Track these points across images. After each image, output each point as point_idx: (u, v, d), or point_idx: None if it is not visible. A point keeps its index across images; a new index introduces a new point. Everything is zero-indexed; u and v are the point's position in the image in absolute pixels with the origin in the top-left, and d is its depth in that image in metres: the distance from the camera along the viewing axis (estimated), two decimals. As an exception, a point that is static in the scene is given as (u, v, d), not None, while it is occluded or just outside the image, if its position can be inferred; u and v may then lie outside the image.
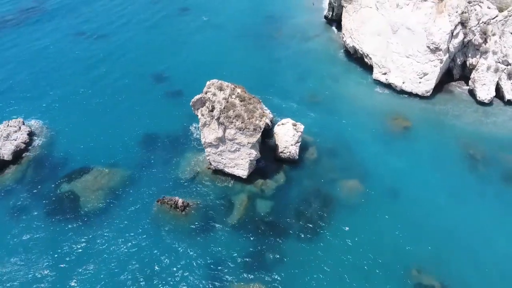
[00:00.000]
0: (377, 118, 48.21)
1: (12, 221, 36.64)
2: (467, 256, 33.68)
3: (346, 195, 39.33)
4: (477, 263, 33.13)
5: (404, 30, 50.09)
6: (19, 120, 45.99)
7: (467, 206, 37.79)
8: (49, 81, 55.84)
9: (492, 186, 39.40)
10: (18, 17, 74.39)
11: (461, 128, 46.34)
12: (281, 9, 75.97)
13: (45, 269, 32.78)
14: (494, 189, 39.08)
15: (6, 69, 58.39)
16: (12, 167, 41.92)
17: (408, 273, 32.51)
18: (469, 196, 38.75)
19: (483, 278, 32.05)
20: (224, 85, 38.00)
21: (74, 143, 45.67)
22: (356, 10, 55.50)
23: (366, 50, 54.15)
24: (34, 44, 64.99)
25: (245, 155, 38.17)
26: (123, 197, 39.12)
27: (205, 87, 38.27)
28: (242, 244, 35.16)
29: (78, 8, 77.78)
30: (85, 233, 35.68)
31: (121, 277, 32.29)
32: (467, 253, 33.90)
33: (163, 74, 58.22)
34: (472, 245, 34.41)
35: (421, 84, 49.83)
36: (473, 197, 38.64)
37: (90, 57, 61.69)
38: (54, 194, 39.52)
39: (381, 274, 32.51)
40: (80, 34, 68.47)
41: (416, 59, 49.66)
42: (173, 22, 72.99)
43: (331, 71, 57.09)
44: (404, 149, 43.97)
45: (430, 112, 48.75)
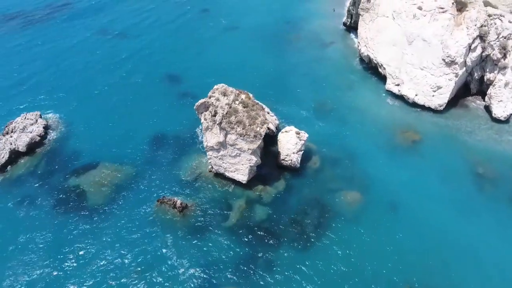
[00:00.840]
0: (386, 130, 47.36)
1: (21, 210, 38.65)
2: (465, 278, 32.70)
3: (345, 207, 39.00)
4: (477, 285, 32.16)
5: (419, 42, 48.94)
6: (36, 113, 48.26)
7: (470, 227, 36.64)
8: (70, 78, 58.21)
9: (499, 208, 37.97)
10: (48, 15, 77.83)
11: (473, 145, 44.83)
12: (301, 14, 75.74)
13: (46, 259, 34.39)
14: (500, 211, 37.65)
15: (31, 64, 61.30)
16: (25, 159, 44.09)
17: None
18: (474, 216, 37.54)
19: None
20: (228, 91, 38.51)
21: (86, 139, 47.49)
22: (372, 19, 54.69)
23: (380, 60, 53.26)
24: (60, 42, 67.79)
25: (245, 161, 38.54)
26: (126, 194, 40.37)
27: (210, 91, 38.90)
28: (236, 248, 35.59)
29: (105, 8, 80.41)
30: (87, 227, 37.15)
31: (114, 270, 33.46)
32: (466, 275, 32.89)
33: (178, 75, 59.43)
34: (471, 268, 33.37)
35: (434, 98, 48.54)
36: (478, 217, 37.39)
37: (112, 57, 63.61)
38: (62, 187, 41.29)
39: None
40: (105, 33, 70.78)
41: (430, 72, 48.42)
42: (193, 25, 74.12)
43: (345, 80, 56.49)
44: (410, 163, 43.02)
45: (441, 127, 47.41)
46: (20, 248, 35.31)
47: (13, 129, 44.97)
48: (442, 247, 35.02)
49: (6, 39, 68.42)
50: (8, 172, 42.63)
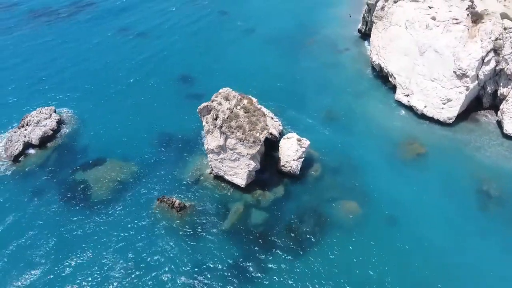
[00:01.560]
0: (391, 141, 46.78)
1: (29, 200, 40.54)
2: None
3: (342, 217, 38.88)
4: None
5: (431, 52, 48.07)
6: (51, 108, 50.34)
7: (470, 247, 35.80)
8: (88, 76, 60.23)
9: (500, 228, 36.93)
10: (72, 13, 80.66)
11: (480, 161, 43.71)
12: (317, 18, 75.54)
13: (49, 248, 36.03)
14: (502, 232, 36.61)
15: (53, 61, 63.79)
16: (38, 151, 46.14)
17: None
18: (474, 236, 36.66)
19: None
20: (230, 95, 39.11)
21: (96, 135, 49.18)
22: (385, 27, 54.06)
23: (391, 69, 52.61)
24: (82, 41, 70.12)
25: (244, 165, 39.04)
26: (129, 191, 41.62)
27: (213, 95, 39.62)
28: (229, 251, 36.14)
29: (128, 9, 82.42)
30: (89, 220, 38.58)
31: (108, 264, 34.77)
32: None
33: (192, 77, 60.51)
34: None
35: (444, 110, 47.56)
36: (478, 237, 36.49)
37: (131, 57, 65.26)
38: (69, 180, 43.01)
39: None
40: (126, 33, 72.68)
41: (441, 84, 47.48)
42: (212, 27, 75.07)
43: (354, 87, 56.08)
44: (412, 177, 42.37)
45: (449, 141, 46.44)
46: (23, 238, 36.95)
47: (28, 122, 47.09)
48: (439, 265, 34.37)
49: (31, 36, 71.39)
50: (21, 163, 44.73)
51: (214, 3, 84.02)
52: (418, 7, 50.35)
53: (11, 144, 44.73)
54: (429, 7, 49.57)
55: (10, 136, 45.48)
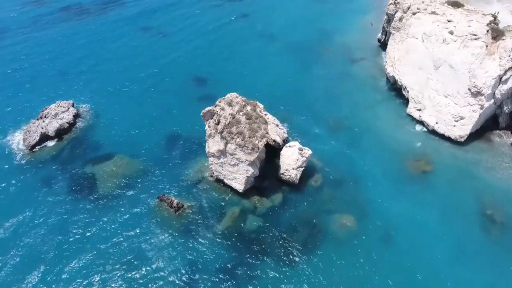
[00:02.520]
0: (397, 156, 45.88)
1: (38, 189, 42.85)
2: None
3: (337, 230, 38.62)
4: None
5: (446, 68, 46.72)
6: (69, 102, 52.86)
7: (466, 273, 34.62)
8: (107, 74, 62.75)
9: (501, 255, 35.50)
10: (101, 10, 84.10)
11: (489, 183, 42.12)
12: (337, 25, 74.94)
13: (50, 237, 38.04)
14: (502, 259, 35.19)
15: (76, 57, 66.91)
16: (53, 142, 48.64)
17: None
18: (472, 261, 35.40)
19: None
20: (234, 101, 39.76)
21: (109, 130, 51.24)
22: (402, 39, 52.99)
23: (405, 82, 51.54)
24: (106, 38, 73.09)
25: (243, 171, 39.59)
26: (132, 187, 43.14)
27: (218, 100, 40.39)
28: (220, 254, 36.77)
29: (154, 9, 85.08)
30: (91, 213, 40.33)
31: (103, 256, 36.29)
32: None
33: (205, 79, 61.69)
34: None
35: (456, 128, 46.13)
36: (476, 263, 35.22)
37: (151, 57, 67.33)
38: (78, 172, 45.10)
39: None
40: (149, 33, 75.05)
41: (454, 100, 46.08)
42: (231, 31, 76.18)
43: (367, 98, 55.35)
44: (414, 195, 41.36)
45: (459, 160, 45.02)
46: (27, 224, 39.15)
47: (47, 114, 49.70)
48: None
49: (62, 32, 75.04)
50: (36, 153, 47.31)
51: (238, 7, 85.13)
52: (437, 20, 49.02)
53: (29, 135, 47.42)
54: (448, 20, 48.16)
55: (29, 127, 48.15)
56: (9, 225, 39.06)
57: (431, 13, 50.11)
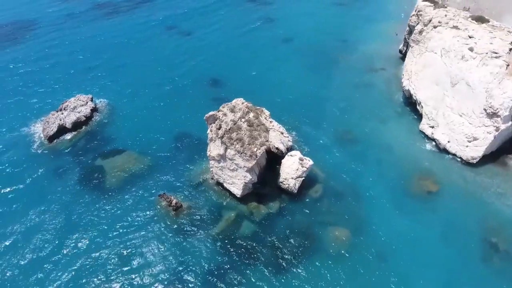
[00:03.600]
0: (403, 174, 44.65)
1: (49, 177, 45.38)
2: None
3: (330, 243, 38.24)
4: None
5: (463, 85, 44.94)
6: (88, 96, 55.38)
7: (459, 299, 33.50)
8: (128, 71, 65.23)
9: (501, 285, 33.86)
10: (130, 8, 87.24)
11: (498, 209, 40.18)
12: (361, 34, 73.76)
13: (53, 225, 40.21)
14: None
15: (101, 53, 69.98)
16: (69, 135, 51.21)
17: None
18: (466, 287, 34.09)
19: None
20: (237, 107, 40.24)
21: (123, 126, 53.33)
22: (421, 52, 51.41)
23: (420, 97, 50.02)
24: (132, 36, 75.85)
25: (241, 176, 40.04)
26: (136, 183, 44.68)
27: (222, 105, 41.04)
28: (212, 257, 37.41)
29: (180, 8, 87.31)
30: (94, 206, 42.20)
31: (98, 249, 37.91)
32: None
33: (222, 81, 62.75)
34: None
35: (468, 149, 44.31)
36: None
37: (172, 57, 69.24)
38: (89, 165, 47.28)
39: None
40: (174, 33, 77.23)
41: (469, 120, 44.27)
42: (253, 33, 76.89)
43: (380, 112, 54.14)
44: (416, 216, 40.06)
45: (468, 182, 43.22)
46: (34, 210, 41.61)
47: (66, 107, 52.36)
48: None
49: (92, 28, 78.83)
50: (53, 144, 50.01)
51: (264, 12, 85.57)
52: (458, 35, 47.20)
53: (48, 126, 50.18)
54: (469, 36, 46.26)
55: (48, 118, 50.95)
56: (15, 210, 41.69)
57: (453, 28, 48.29)
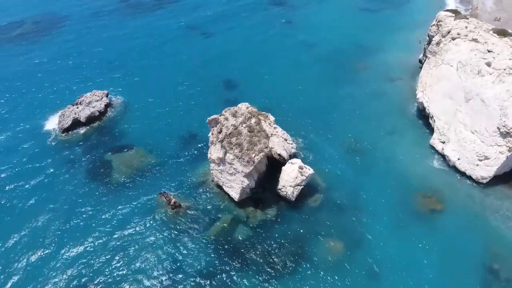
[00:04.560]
0: (408, 190, 43.35)
1: (59, 168, 47.57)
2: None
3: (323, 255, 37.84)
4: None
5: (477, 101, 43.07)
6: (104, 92, 57.33)
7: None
8: (146, 69, 67.08)
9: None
10: (155, 7, 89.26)
11: (504, 234, 38.27)
12: (382, 40, 71.99)
13: (57, 214, 42.20)
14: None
15: (122, 50, 72.43)
16: (82, 128, 53.32)
17: None
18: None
19: None
20: (239, 113, 40.47)
21: (134, 123, 54.92)
22: (437, 64, 49.65)
23: (433, 110, 48.34)
24: (153, 35, 77.75)
25: (239, 181, 40.27)
26: (140, 179, 45.97)
27: (224, 109, 41.41)
28: (204, 258, 37.95)
29: (202, 9, 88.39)
30: (99, 198, 43.90)
31: (95, 240, 39.55)
32: None
33: (235, 83, 63.32)
34: None
35: (478, 168, 42.44)
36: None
37: (190, 57, 70.63)
38: (98, 159, 49.06)
39: None
40: (193, 33, 78.54)
41: (481, 138, 42.39)
42: (273, 37, 76.85)
43: (391, 123, 52.71)
44: (416, 235, 38.68)
45: (475, 203, 41.40)
46: (41, 197, 43.93)
47: (82, 101, 54.45)
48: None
49: (114, 26, 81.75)
50: (67, 136, 52.27)
51: (287, 14, 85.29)
52: (476, 48, 45.22)
53: (63, 118, 52.44)
54: (488, 50, 44.23)
55: (64, 111, 53.21)
56: (27, 194, 44.18)
57: (472, 40, 46.32)
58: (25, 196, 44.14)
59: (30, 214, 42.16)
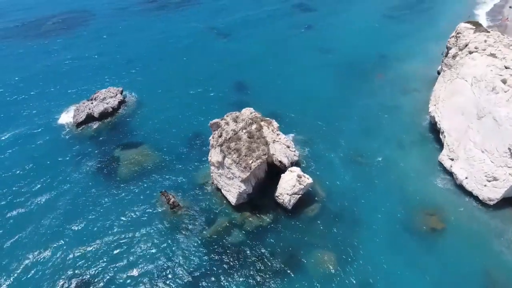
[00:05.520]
0: (409, 205, 42.17)
1: (69, 160, 49.65)
2: None
3: (314, 267, 37.39)
4: None
5: (489, 119, 41.30)
6: (119, 89, 59.20)
7: None
8: (164, 68, 68.96)
9: None
10: (178, 6, 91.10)
11: (506, 260, 36.42)
12: (403, 50, 70.64)
13: (61, 203, 44.01)
14: None
15: (141, 48, 74.56)
16: (95, 123, 55.31)
17: None
18: None
19: None
20: (240, 118, 40.75)
21: (145, 121, 56.45)
22: (451, 78, 47.96)
23: (443, 125, 46.77)
24: (174, 36, 79.67)
25: (236, 186, 40.56)
26: (144, 177, 47.14)
27: (226, 114, 41.81)
28: (196, 260, 38.36)
29: (225, 10, 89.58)
30: (102, 191, 45.38)
31: (92, 231, 40.92)
32: None
33: (249, 86, 64.18)
34: None
35: (486, 189, 40.71)
36: None
37: (206, 57, 71.92)
38: (106, 153, 50.81)
39: None
40: (213, 34, 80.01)
41: (491, 158, 40.64)
42: (291, 41, 77.32)
43: (401, 136, 51.42)
44: (412, 254, 37.34)
45: (480, 225, 39.68)
46: (48, 187, 45.91)
47: (96, 97, 56.45)
48: None
49: (137, 25, 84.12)
50: (79, 130, 54.42)
51: (309, 19, 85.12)
52: (493, 64, 43.33)
53: (78, 113, 54.57)
54: (505, 66, 42.29)
55: (79, 106, 55.37)
56: (33, 184, 46.34)
57: (489, 55, 44.43)
58: (32, 186, 46.19)
59: (34, 202, 44.09)
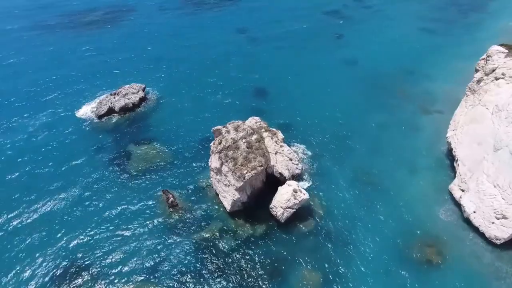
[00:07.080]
0: (408, 233, 40.36)
1: (85, 151, 52.47)
2: None
3: (297, 282, 36.97)
4: None
5: (506, 153, 38.49)
6: (141, 86, 61.69)
7: None
8: (189, 67, 70.78)
9: None
10: (213, 7, 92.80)
11: (505, 305, 34.06)
12: (433, 68, 67.72)
13: (71, 193, 46.67)
14: None
15: (171, 46, 77.19)
16: (115, 117, 58.11)
17: None
18: None
19: None
20: (241, 127, 41.08)
21: (162, 120, 58.56)
22: (473, 104, 45.16)
23: (458, 153, 44.22)
24: (204, 35, 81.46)
25: (231, 193, 41.03)
26: (150, 174, 48.91)
27: (228, 122, 42.34)
28: (185, 260, 39.21)
29: (257, 11, 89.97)
30: (108, 183, 47.69)
31: (90, 223, 42.91)
32: None
33: (267, 92, 64.66)
34: None
35: (494, 226, 38.07)
36: None
37: (232, 61, 73.09)
38: (121, 147, 53.24)
39: None
40: (240, 36, 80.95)
41: (502, 194, 37.92)
42: (318, 48, 76.24)
43: (415, 160, 49.23)
44: (402, 286, 35.96)
45: (481, 264, 37.16)
46: (61, 176, 48.71)
47: (119, 92, 59.25)
48: None
49: (173, 20, 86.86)
50: (100, 123, 57.38)
51: (340, 28, 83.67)
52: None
53: (100, 106, 57.59)
54: (531, 97, 39.19)
55: (102, 100, 58.41)
56: (47, 175, 49.37)
57: (516, 83, 41.36)
58: (45, 172, 49.41)
59: (46, 191, 47.05)
